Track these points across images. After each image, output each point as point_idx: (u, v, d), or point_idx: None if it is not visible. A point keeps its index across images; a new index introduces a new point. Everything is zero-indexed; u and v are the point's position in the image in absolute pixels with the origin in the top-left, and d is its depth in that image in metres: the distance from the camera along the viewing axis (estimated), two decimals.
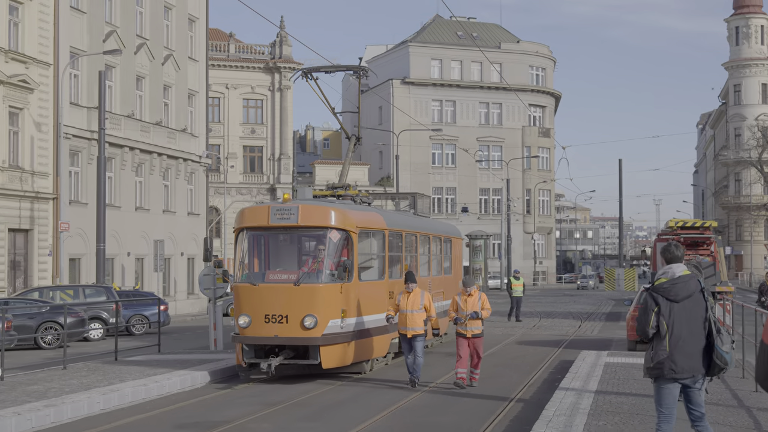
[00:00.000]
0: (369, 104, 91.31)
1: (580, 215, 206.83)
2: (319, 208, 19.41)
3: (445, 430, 13.72)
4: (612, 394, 15.66)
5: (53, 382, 17.80)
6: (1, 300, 31.44)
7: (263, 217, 19.10)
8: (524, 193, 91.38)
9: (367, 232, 20.38)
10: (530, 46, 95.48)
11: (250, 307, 18.21)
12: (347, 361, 18.84)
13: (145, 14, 50.53)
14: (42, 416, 14.24)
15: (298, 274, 18.53)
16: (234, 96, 75.02)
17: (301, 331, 17.76)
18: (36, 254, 40.93)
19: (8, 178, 39.01)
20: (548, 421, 12.91)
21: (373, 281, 20.69)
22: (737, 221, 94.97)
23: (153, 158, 50.56)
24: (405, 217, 26.57)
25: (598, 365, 20.15)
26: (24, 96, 39.93)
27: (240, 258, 19.43)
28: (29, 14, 40.54)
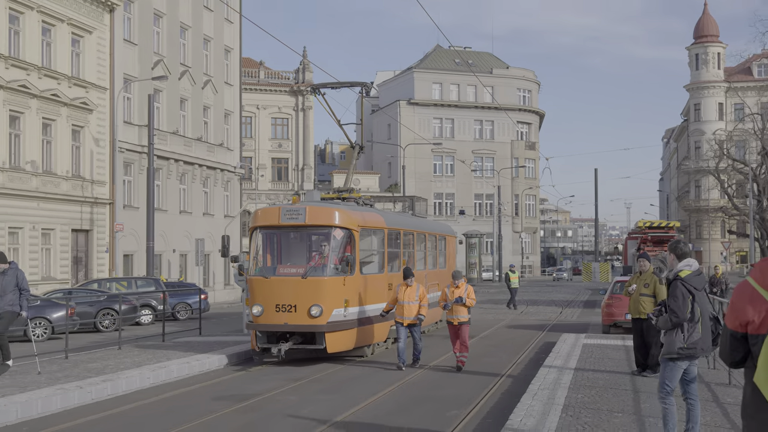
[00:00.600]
0: (379, 122, 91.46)
1: (561, 217, 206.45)
2: (324, 209, 19.03)
3: (446, 401, 13.75)
4: (589, 371, 15.68)
5: (110, 360, 17.90)
6: (66, 290, 31.60)
7: (274, 217, 18.79)
8: (513, 198, 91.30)
9: (367, 230, 20.04)
10: (518, 72, 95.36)
11: (263, 298, 17.91)
12: (350, 346, 18.60)
13: (187, 45, 50.66)
14: (100, 389, 14.33)
15: (306, 268, 18.16)
16: (263, 115, 75.10)
17: (308, 319, 17.52)
18: (95, 251, 41.09)
19: (72, 186, 39.17)
20: (534, 394, 12.95)
21: (374, 274, 20.19)
22: (697, 222, 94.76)
23: (194, 169, 50.70)
24: (403, 217, 26.48)
25: (577, 346, 20.14)
26: (84, 116, 40.08)
27: (254, 253, 19.13)
28: (89, 46, 40.71)
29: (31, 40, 36.80)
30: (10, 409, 12.35)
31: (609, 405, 12.06)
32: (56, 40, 38.51)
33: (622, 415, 11.22)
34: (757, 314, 4.37)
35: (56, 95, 37.88)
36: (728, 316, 4.54)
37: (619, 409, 11.69)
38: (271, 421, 12.20)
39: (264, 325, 17.90)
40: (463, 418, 12.28)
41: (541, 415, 11.18)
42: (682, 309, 8.72)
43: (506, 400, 13.68)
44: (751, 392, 4.42)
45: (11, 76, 35.27)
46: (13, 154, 35.84)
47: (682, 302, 8.76)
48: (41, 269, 37.27)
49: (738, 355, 4.52)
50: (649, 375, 14.95)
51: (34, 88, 36.51)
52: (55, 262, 38.18)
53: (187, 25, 50.59)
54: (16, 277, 15.63)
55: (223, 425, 11.99)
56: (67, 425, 12.04)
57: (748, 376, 4.45)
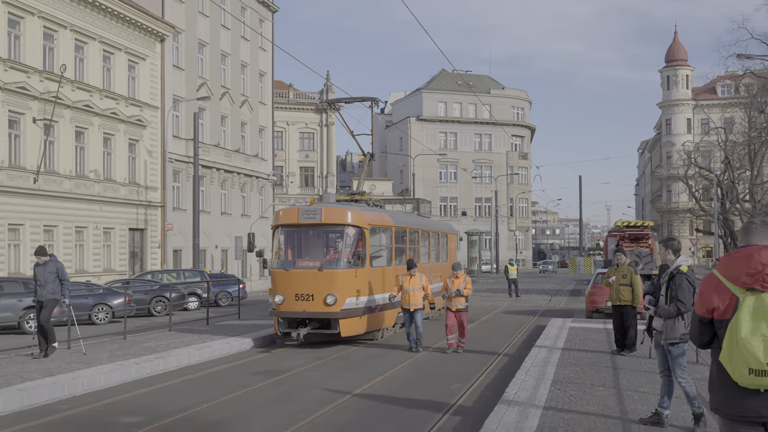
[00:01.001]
0: (392, 136, 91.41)
1: (550, 217, 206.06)
2: (338, 209, 18.68)
3: (450, 377, 13.78)
4: (574, 350, 15.67)
5: (162, 341, 18.01)
6: (124, 281, 31.78)
7: (294, 217, 18.51)
8: (508, 201, 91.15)
9: (377, 228, 19.66)
10: (512, 92, 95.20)
11: (284, 288, 17.64)
12: (361, 331, 18.37)
13: (227, 70, 50.82)
14: (154, 365, 14.43)
15: (322, 262, 17.89)
16: (293, 130, 75.14)
17: (324, 307, 17.29)
18: (149, 247, 41.28)
19: (128, 191, 39.37)
20: (527, 370, 12.97)
21: (383, 267, 19.73)
22: (668, 221, 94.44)
23: (233, 176, 50.85)
24: (410, 217, 26.11)
25: (564, 329, 20.12)
26: (139, 131, 40.27)
27: (276, 249, 18.79)
28: (143, 71, 40.90)
29: (94, 66, 37.01)
30: (77, 382, 12.45)
31: (592, 380, 12.06)
32: (115, 66, 38.71)
33: (603, 389, 11.23)
34: (721, 302, 4.43)
35: (115, 113, 38.09)
36: (697, 304, 4.60)
37: (601, 384, 11.70)
38: (301, 392, 12.26)
39: (285, 312, 17.68)
40: (465, 391, 12.32)
41: (533, 389, 11.21)
42: (688, 300, 8.70)
43: (503, 375, 13.70)
44: (717, 369, 4.49)
45: (77, 97, 35.50)
46: (79, 165, 36.06)
47: (689, 294, 8.75)
48: (103, 263, 37.48)
49: (706, 338, 4.58)
50: (627, 354, 15.02)
51: (97, 107, 36.72)
52: (114, 257, 38.39)
53: (227, 52, 50.75)
54: (56, 269, 15.43)
55: (261, 395, 12.06)
56: (125, 396, 12.13)
57: (715, 355, 4.51)
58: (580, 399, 10.43)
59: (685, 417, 9.17)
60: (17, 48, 32.57)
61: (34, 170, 32.73)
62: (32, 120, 32.76)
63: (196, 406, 11.14)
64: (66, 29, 35.16)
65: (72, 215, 35.22)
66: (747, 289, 4.34)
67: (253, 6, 54.55)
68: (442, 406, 11.08)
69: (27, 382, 12.17)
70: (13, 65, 31.77)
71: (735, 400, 4.34)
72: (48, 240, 33.97)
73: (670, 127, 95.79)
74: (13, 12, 32.12)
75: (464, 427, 9.79)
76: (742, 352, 4.23)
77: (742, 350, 4.23)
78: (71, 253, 35.33)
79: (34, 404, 11.32)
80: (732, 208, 60.96)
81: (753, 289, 4.32)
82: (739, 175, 62.63)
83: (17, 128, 32.35)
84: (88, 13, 36.64)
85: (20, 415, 10.74)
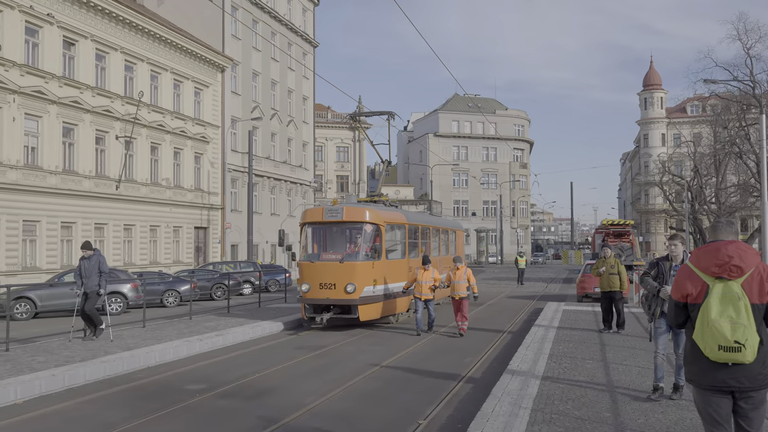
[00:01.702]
0: (414, 149, 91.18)
1: (546, 217, 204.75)
2: (357, 208, 17.81)
3: (462, 351, 13.66)
4: (567, 329, 15.52)
5: (221, 321, 17.98)
6: (190, 270, 31.88)
7: (319, 215, 17.73)
8: (510, 203, 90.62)
9: (392, 225, 18.61)
10: (514, 112, 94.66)
11: (310, 278, 16.98)
12: (377, 315, 17.50)
13: (276, 95, 50.90)
14: (214, 341, 14.39)
15: (343, 255, 17.20)
16: (330, 145, 75.17)
17: (344, 294, 16.65)
18: (210, 242, 41.42)
19: (194, 196, 39.54)
20: (527, 346, 12.84)
21: (397, 260, 18.77)
22: (646, 220, 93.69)
23: (281, 183, 50.92)
24: (421, 215, 24.77)
25: (558, 311, 19.97)
26: (203, 146, 40.43)
27: (303, 243, 18.01)
28: (206, 96, 41.06)
29: (166, 93, 37.20)
30: (150, 355, 12.45)
31: (582, 354, 11.90)
32: (183, 92, 38.88)
33: (592, 362, 11.07)
34: (694, 288, 4.50)
35: (183, 131, 38.26)
36: (673, 290, 4.67)
37: (590, 357, 11.53)
38: (337, 364, 12.17)
39: (311, 299, 17.02)
40: (475, 363, 12.20)
41: (532, 362, 11.07)
42: None
43: (507, 350, 13.56)
44: (691, 346, 4.55)
45: (152, 118, 35.69)
46: (153, 174, 36.25)
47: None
48: (173, 255, 37.64)
49: (681, 319, 4.65)
50: (619, 332, 14.97)
51: (168, 126, 36.91)
52: (182, 250, 38.55)
53: (276, 80, 50.83)
54: (99, 262, 14.32)
55: (304, 366, 11.99)
56: (191, 367, 12.12)
57: (689, 334, 4.58)
58: (572, 370, 10.28)
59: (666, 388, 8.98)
60: (103, 78, 32.81)
61: (117, 179, 32.95)
62: (115, 137, 32.98)
63: (250, 375, 11.09)
64: (143, 62, 35.36)
65: (147, 216, 35.42)
66: (716, 278, 4.41)
67: (298, 42, 54.61)
68: (456, 376, 10.96)
69: (109, 355, 12.17)
70: (100, 92, 32.00)
71: (706, 372, 4.40)
72: (127, 237, 34.22)
73: (648, 141, 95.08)
74: (99, 48, 32.37)
75: (475, 393, 9.66)
76: (713, 332, 4.30)
77: (713, 329, 4.30)
78: (146, 248, 35.53)
79: (114, 374, 11.32)
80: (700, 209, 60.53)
81: (721, 277, 4.39)
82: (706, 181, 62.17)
83: (103, 144, 32.58)
84: (161, 49, 36.83)
85: (102, 383, 10.74)
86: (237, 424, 8.14)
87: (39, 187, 28.63)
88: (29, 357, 12.06)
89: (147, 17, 35.41)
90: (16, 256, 27.62)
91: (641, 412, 7.76)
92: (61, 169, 29.90)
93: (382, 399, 9.50)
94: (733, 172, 59.30)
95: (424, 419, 8.24)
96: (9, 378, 10.06)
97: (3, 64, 26.88)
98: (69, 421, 8.44)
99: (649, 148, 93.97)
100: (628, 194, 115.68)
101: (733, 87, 46.74)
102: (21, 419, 8.49)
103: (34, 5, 28.44)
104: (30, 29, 28.70)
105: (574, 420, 7.33)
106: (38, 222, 28.73)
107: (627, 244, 34.18)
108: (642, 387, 9.09)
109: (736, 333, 4.23)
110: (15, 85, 27.36)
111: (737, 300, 4.30)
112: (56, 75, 29.53)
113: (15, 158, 27.54)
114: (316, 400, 9.28)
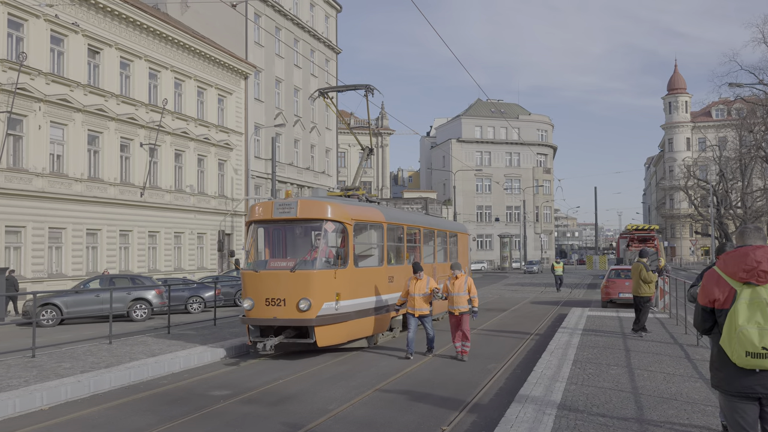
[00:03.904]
0: (437, 155, 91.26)
1: (570, 222, 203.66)
2: (315, 202, 14.15)
3: (487, 357, 13.55)
4: (592, 335, 15.38)
5: (245, 327, 17.99)
6: (214, 277, 32.05)
7: (268, 212, 14.13)
8: (534, 209, 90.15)
9: (363, 224, 15.15)
10: (537, 117, 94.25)
11: (254, 292, 13.59)
12: (342, 339, 13.96)
13: (298, 102, 51.11)
14: (239, 348, 14.41)
15: (296, 262, 13.59)
16: (353, 151, 75.33)
17: (297, 313, 13.13)
18: (235, 247, 41.59)
19: (218, 202, 39.78)
20: (551, 352, 12.75)
21: (372, 267, 15.31)
22: (671, 225, 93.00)
23: (303, 189, 51.04)
24: (408, 213, 20.20)
25: (583, 316, 19.81)
26: (227, 153, 40.69)
27: (248, 247, 14.56)
28: (230, 103, 41.33)
29: (190, 100, 37.51)
30: (175, 361, 12.49)
31: (607, 360, 11.79)
32: (207, 100, 39.18)
33: (617, 368, 10.97)
34: (721, 294, 4.47)
35: (207, 138, 38.54)
36: (700, 295, 4.67)
37: (615, 363, 11.42)
38: (361, 370, 12.12)
39: (254, 320, 13.56)
40: (499, 369, 12.14)
41: (557, 367, 10.99)
42: None
43: (531, 356, 13.48)
44: (717, 352, 4.52)
45: (176, 125, 36.00)
46: (177, 181, 36.53)
47: None
48: (197, 261, 37.89)
49: (707, 324, 4.62)
50: (641, 335, 15.00)
51: (192, 134, 37.19)
52: (206, 257, 38.78)
53: (299, 87, 51.05)
54: None
55: (327, 373, 11.94)
56: (215, 373, 12.14)
57: (715, 339, 4.55)
58: (597, 376, 10.19)
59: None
60: (128, 86, 33.16)
61: (141, 186, 33.24)
62: (140, 144, 33.29)
63: (273, 382, 11.11)
64: (167, 69, 35.69)
65: (172, 222, 35.69)
66: (744, 283, 4.37)
67: (321, 49, 54.84)
68: (480, 382, 10.91)
69: (134, 361, 12.26)
70: (124, 100, 32.34)
71: (733, 378, 4.38)
72: (151, 244, 34.47)
73: (672, 145, 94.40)
74: (124, 56, 32.73)
75: (498, 399, 9.62)
76: (740, 338, 4.27)
77: (740, 336, 4.27)
78: (171, 254, 35.78)
79: (139, 380, 11.40)
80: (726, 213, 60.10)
81: (749, 282, 4.35)
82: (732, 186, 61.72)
83: (127, 151, 32.91)
84: (185, 56, 37.16)
85: (127, 389, 10.82)
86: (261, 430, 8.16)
87: (65, 194, 28.97)
88: (55, 363, 12.19)
89: (171, 25, 35.76)
90: (42, 263, 27.95)
91: (667, 418, 7.68)
92: (86, 177, 30.24)
93: None
94: (759, 176, 58.76)
95: (447, 425, 8.21)
96: (35, 384, 10.18)
97: (29, 73, 27.27)
98: (94, 427, 8.52)
99: (673, 153, 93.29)
100: (652, 199, 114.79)
101: (758, 90, 46.37)
102: (47, 425, 8.58)
103: (59, 14, 28.83)
104: (55, 38, 29.09)
105: (599, 426, 7.27)
106: (64, 229, 29.06)
107: (652, 249, 33.95)
108: (667, 393, 8.99)
109: (764, 339, 4.21)
110: (41, 93, 27.73)
111: (765, 306, 4.26)
112: (81, 83, 29.90)
113: (41, 166, 27.90)
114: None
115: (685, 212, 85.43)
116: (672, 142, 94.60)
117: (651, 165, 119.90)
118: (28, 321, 16.70)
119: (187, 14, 43.70)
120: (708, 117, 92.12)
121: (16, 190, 26.69)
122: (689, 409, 8.13)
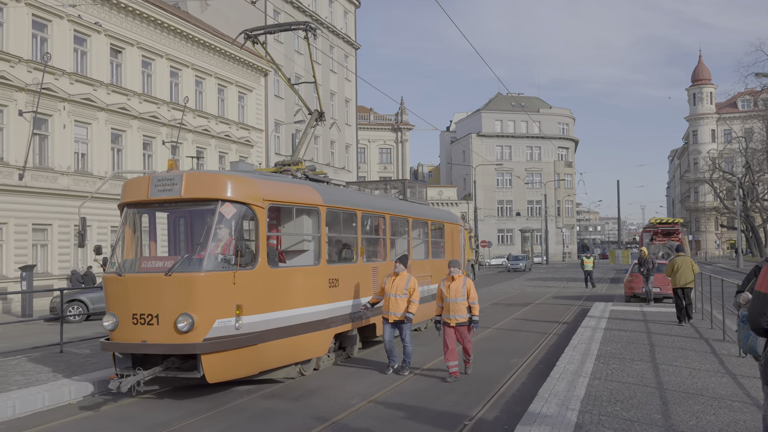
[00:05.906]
0: (456, 150, 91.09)
1: (592, 216, 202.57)
2: (209, 176, 10.01)
3: (508, 352, 13.55)
4: (615, 330, 15.33)
5: None
6: None
7: (143, 190, 9.87)
8: (555, 203, 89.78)
9: (288, 208, 10.93)
10: (558, 110, 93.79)
11: (117, 305, 9.49)
12: (250, 370, 9.82)
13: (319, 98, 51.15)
14: None
15: (175, 261, 9.38)
16: (373, 147, 75.53)
17: (174, 334, 9.03)
18: None
19: None
20: (574, 347, 12.73)
21: (303, 267, 11.10)
22: (696, 218, 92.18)
23: None
24: (367, 197, 15.11)
25: (606, 311, 19.75)
26: (247, 150, 40.88)
27: (114, 241, 10.41)
28: (250, 100, 41.52)
29: (210, 98, 37.73)
30: None
31: (631, 355, 11.75)
32: (228, 97, 39.39)
33: (641, 363, 10.92)
34: None
35: (228, 135, 38.75)
36: (760, 284, 4.05)
37: (639, 359, 11.38)
38: (380, 367, 12.17)
39: (117, 344, 9.42)
40: (522, 364, 12.14)
41: (580, 362, 10.98)
42: None
43: (553, 351, 13.46)
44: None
45: (197, 123, 36.24)
46: None
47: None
48: None
49: (765, 321, 3.96)
50: (687, 323, 16.26)
51: (213, 131, 37.43)
52: None
53: (318, 83, 51.14)
54: None
55: (346, 369, 11.98)
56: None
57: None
58: (620, 371, 10.16)
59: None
60: (150, 84, 33.43)
61: None
62: (162, 142, 33.56)
63: (294, 377, 11.16)
64: (188, 68, 35.93)
65: None
66: None
67: (340, 45, 54.92)
68: (503, 377, 10.92)
69: None
70: (146, 98, 32.62)
71: None
72: None
73: (697, 137, 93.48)
74: (146, 55, 32.99)
75: (521, 394, 9.63)
76: None
77: None
78: None
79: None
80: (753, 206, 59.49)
81: None
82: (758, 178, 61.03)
83: (150, 149, 33.19)
84: (206, 54, 37.39)
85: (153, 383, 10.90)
86: (284, 424, 8.23)
87: (89, 192, 29.31)
88: (82, 358, 12.36)
89: (191, 23, 35.98)
90: (68, 260, 28.30)
91: (692, 413, 7.64)
92: (110, 175, 30.55)
93: None
94: None
95: (469, 420, 8.24)
96: (63, 379, 10.34)
97: (53, 73, 27.58)
98: (120, 420, 8.63)
99: (698, 145, 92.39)
100: (676, 192, 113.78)
101: None
102: (75, 419, 8.72)
103: (82, 14, 29.13)
104: (78, 38, 29.40)
105: (623, 422, 7.25)
106: (89, 227, 29.38)
107: (676, 242, 33.63)
108: (693, 389, 8.95)
109: None
110: (65, 93, 28.05)
111: None
112: (104, 82, 30.19)
113: (66, 165, 28.24)
114: None
115: (710, 205, 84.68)
116: (696, 134, 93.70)
117: (675, 157, 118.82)
118: (55, 317, 16.94)
119: (206, 12, 43.96)
120: (734, 108, 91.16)
121: (42, 188, 27.06)
122: (715, 404, 8.09)
